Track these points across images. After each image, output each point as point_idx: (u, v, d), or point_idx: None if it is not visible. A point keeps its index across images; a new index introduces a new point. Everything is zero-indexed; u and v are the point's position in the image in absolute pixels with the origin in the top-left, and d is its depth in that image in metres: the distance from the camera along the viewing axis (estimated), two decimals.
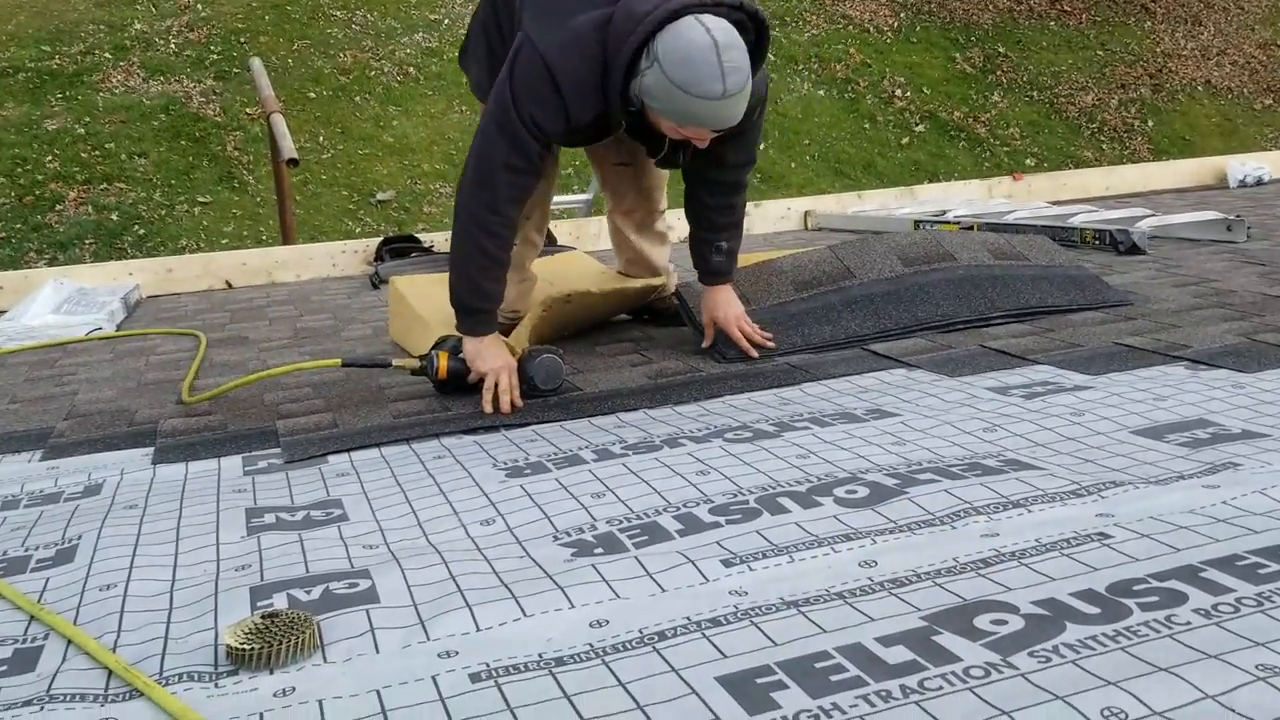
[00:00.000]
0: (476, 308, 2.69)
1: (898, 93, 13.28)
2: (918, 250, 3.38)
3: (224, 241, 9.57)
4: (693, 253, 3.02)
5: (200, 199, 10.11)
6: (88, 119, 10.66)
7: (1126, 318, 3.15)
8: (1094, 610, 1.40)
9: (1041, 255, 3.54)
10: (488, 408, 2.61)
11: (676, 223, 3.57)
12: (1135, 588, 1.46)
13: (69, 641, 1.53)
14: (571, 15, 2.53)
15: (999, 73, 13.93)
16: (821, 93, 13.08)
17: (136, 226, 9.67)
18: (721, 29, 2.41)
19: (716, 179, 2.89)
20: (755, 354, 2.95)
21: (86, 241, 9.39)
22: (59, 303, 4.43)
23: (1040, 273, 3.41)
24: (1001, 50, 14.24)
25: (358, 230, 9.90)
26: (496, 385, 2.62)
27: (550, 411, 2.60)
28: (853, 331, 3.09)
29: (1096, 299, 3.33)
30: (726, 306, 3.00)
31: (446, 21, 12.66)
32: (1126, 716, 1.16)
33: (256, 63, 8.21)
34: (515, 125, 2.54)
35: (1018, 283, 3.31)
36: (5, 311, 4.57)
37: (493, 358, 2.67)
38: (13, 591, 1.72)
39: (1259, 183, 6.86)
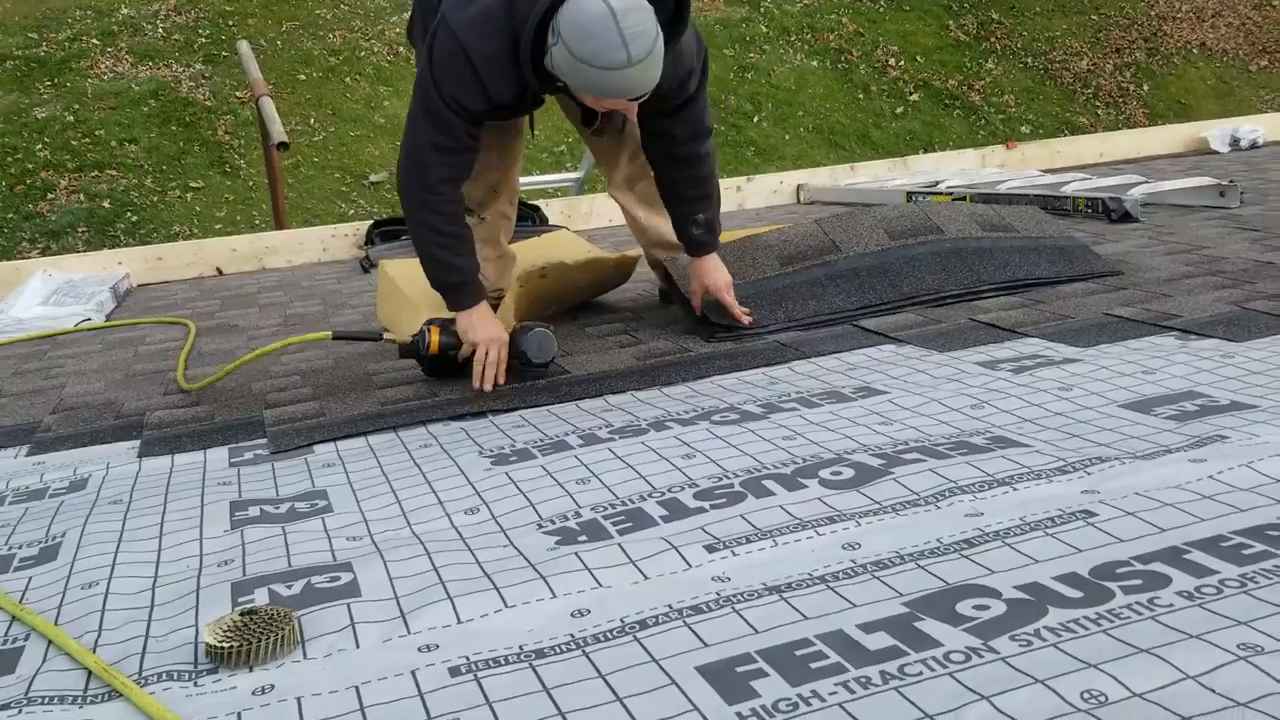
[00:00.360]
0: (452, 282, 2.69)
1: (891, 62, 13.21)
2: (904, 223, 3.36)
3: (217, 227, 9.55)
4: (676, 232, 3.02)
5: (192, 184, 10.08)
6: (77, 106, 10.62)
7: (1117, 288, 3.13)
8: (1076, 594, 1.40)
9: (1031, 226, 3.53)
10: (476, 382, 2.61)
11: None
12: (1118, 570, 1.45)
13: (49, 642, 1.53)
14: None
15: (993, 40, 13.85)
16: (814, 64, 13.01)
17: (129, 213, 9.64)
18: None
19: (674, 153, 2.88)
20: (746, 320, 2.96)
21: (79, 229, 9.37)
22: (48, 294, 4.42)
23: (1029, 244, 3.39)
24: (995, 17, 14.16)
25: (351, 212, 9.88)
26: (487, 357, 2.62)
27: (538, 395, 2.59)
28: (839, 307, 3.07)
29: (1086, 269, 3.31)
30: (714, 274, 2.98)
31: None
32: (1106, 699, 1.15)
33: (244, 46, 8.16)
34: (438, 105, 2.55)
35: (1006, 255, 3.29)
36: None
37: (484, 328, 2.67)
38: None
39: (1253, 146, 6.83)
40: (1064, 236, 3.51)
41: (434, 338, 2.72)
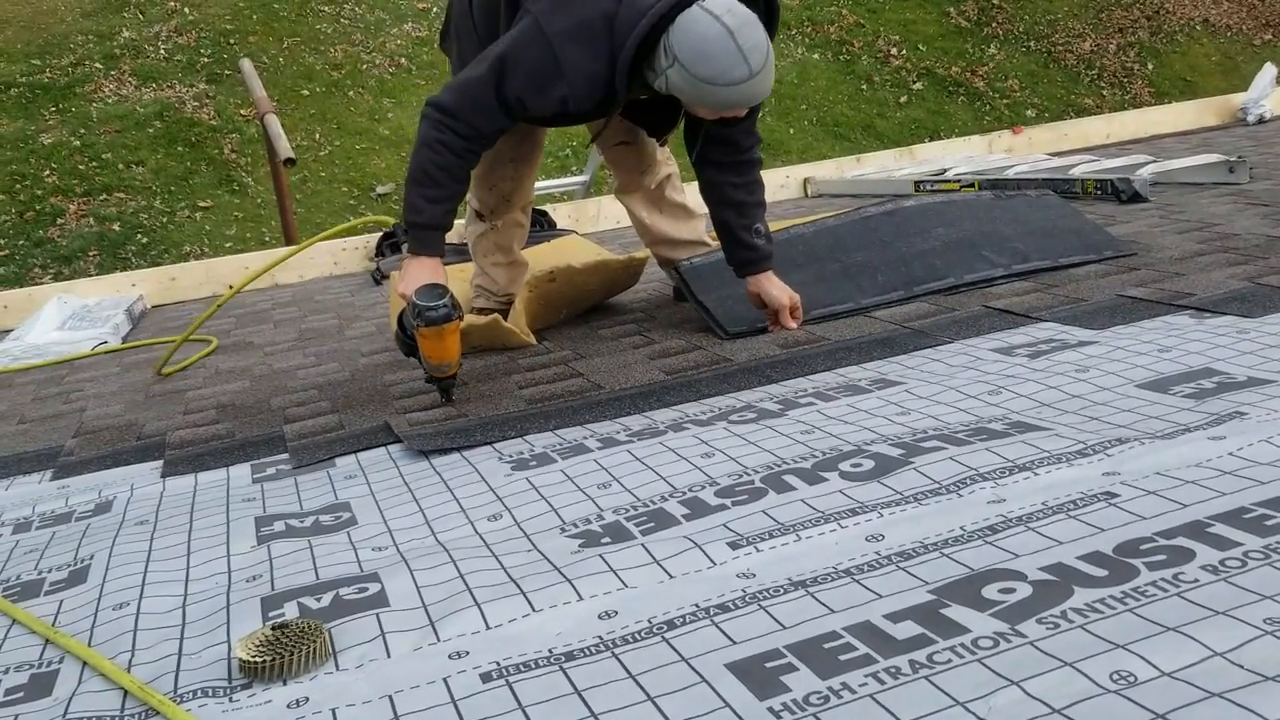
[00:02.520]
0: (411, 221, 2.69)
1: (893, 51, 13.20)
2: (913, 217, 3.36)
3: (227, 245, 9.59)
4: (731, 246, 2.94)
5: (201, 204, 10.12)
6: (83, 130, 10.67)
7: (1130, 268, 3.13)
8: (1101, 573, 1.40)
9: (1040, 210, 3.52)
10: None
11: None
12: (1142, 547, 1.45)
13: (84, 663, 1.54)
14: (584, 5, 2.54)
15: (994, 24, 13.82)
16: (816, 56, 13.00)
17: (139, 235, 9.69)
18: (728, 10, 2.43)
19: (733, 161, 2.88)
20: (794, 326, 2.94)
21: (90, 253, 9.42)
22: (63, 319, 4.45)
23: (1039, 227, 3.38)
24: (995, 2, 14.12)
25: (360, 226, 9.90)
26: None
27: (557, 418, 2.52)
28: (852, 298, 3.08)
29: (1099, 250, 3.30)
30: (783, 293, 2.92)
31: (435, 10, 12.60)
32: (1135, 679, 1.15)
33: (247, 64, 8.19)
34: (490, 99, 2.58)
35: (1016, 239, 3.29)
36: (11, 331, 4.59)
37: (407, 280, 2.64)
38: (27, 616, 1.73)
39: (1260, 121, 6.81)
40: (1074, 217, 3.51)
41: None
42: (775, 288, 2.92)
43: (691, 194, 3.40)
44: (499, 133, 2.70)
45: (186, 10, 12.42)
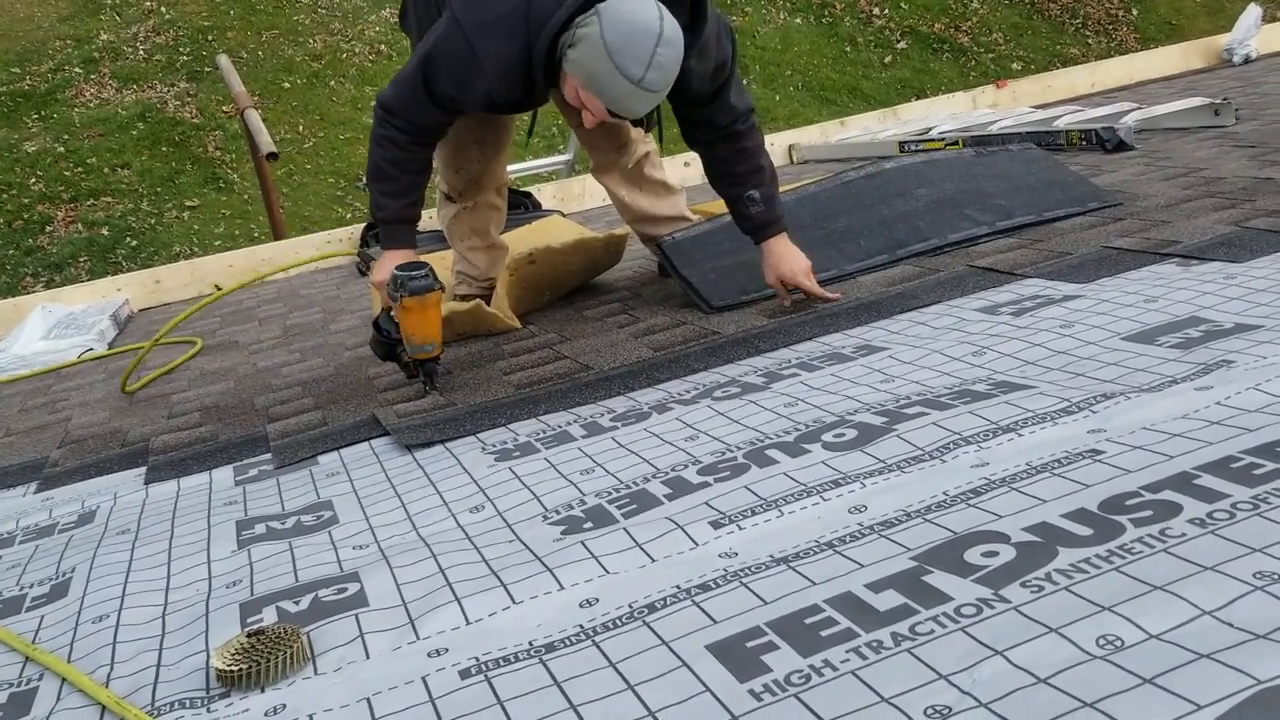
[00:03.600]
0: (377, 218, 2.74)
1: (875, 11, 13.09)
2: (894, 179, 3.32)
3: (216, 243, 9.55)
4: (736, 219, 2.88)
5: (188, 203, 10.08)
6: (66, 136, 10.62)
7: (1115, 219, 3.09)
8: (1086, 531, 1.37)
9: (1022, 164, 3.48)
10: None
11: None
12: (1128, 502, 1.42)
13: (63, 680, 1.52)
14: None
15: None
16: (798, 21, 12.90)
17: (128, 238, 9.65)
18: (672, 25, 2.37)
19: (717, 138, 2.81)
20: (837, 296, 2.81)
21: (80, 259, 9.38)
22: (48, 328, 4.42)
23: (1022, 183, 3.34)
24: None
25: (348, 216, 9.86)
26: None
27: (546, 403, 2.49)
28: (837, 264, 3.04)
29: (1083, 202, 3.26)
30: (788, 259, 2.80)
31: None
32: (1122, 643, 1.13)
33: (224, 60, 8.14)
34: (421, 95, 2.57)
35: (999, 196, 3.25)
36: None
37: (382, 272, 2.65)
38: (7, 634, 1.70)
39: (1246, 60, 6.74)
40: (1057, 169, 3.46)
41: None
42: (774, 256, 2.82)
43: (670, 169, 3.35)
44: (442, 126, 2.69)
45: (163, 9, 12.34)
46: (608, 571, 1.54)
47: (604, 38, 2.32)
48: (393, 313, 2.61)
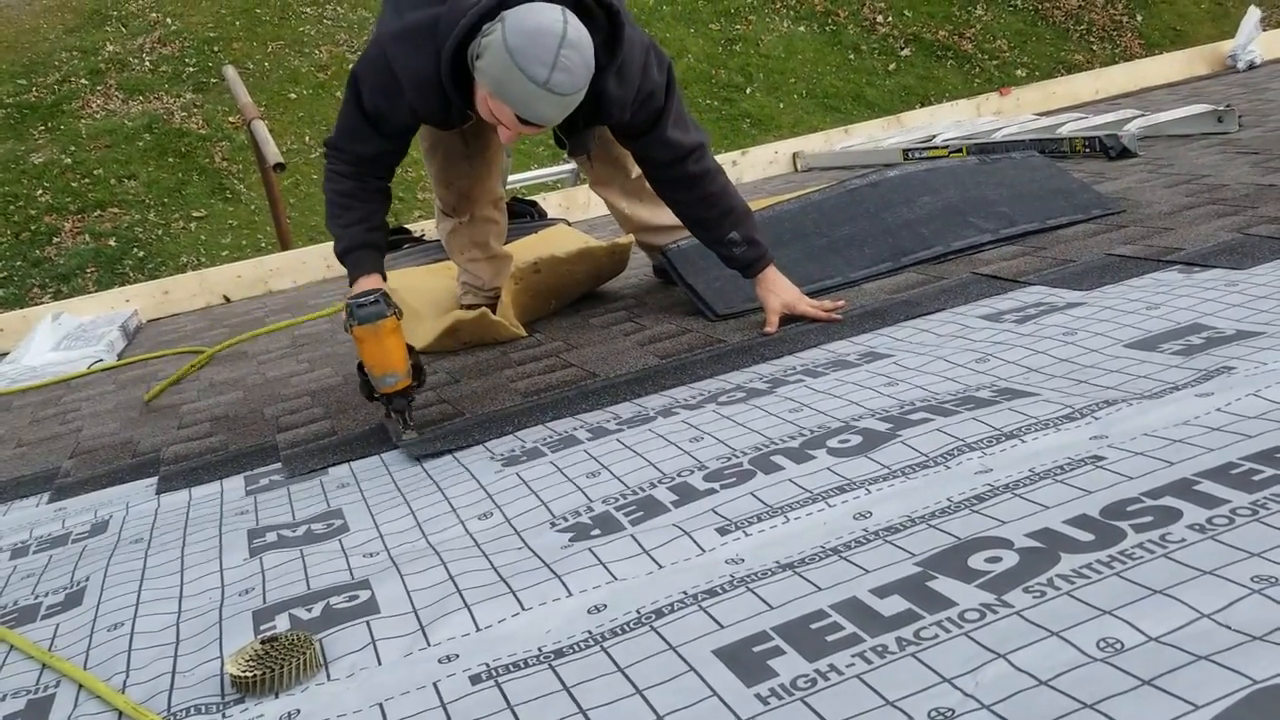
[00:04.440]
0: (338, 252, 2.63)
1: (879, 19, 13.12)
2: (896, 188, 3.34)
3: (223, 254, 9.58)
4: (721, 261, 2.85)
5: (195, 214, 10.12)
6: (73, 147, 10.66)
7: (1118, 226, 3.11)
8: (1088, 537, 1.39)
9: (1025, 172, 3.50)
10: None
11: None
12: (1129, 508, 1.44)
13: (80, 686, 1.54)
14: (413, 9, 2.48)
15: None
16: (802, 28, 12.92)
17: (135, 249, 9.69)
18: (577, 29, 2.30)
19: (666, 177, 2.76)
20: (838, 317, 2.75)
21: (88, 270, 9.42)
22: (58, 339, 4.45)
23: (1025, 190, 3.36)
24: None
25: None
26: None
27: (553, 410, 2.48)
28: (841, 272, 3.06)
29: (1086, 209, 3.28)
30: (782, 290, 2.79)
31: None
32: (1122, 645, 1.15)
33: (230, 71, 8.18)
34: (358, 119, 2.53)
35: (1002, 203, 3.27)
36: (7, 354, 4.59)
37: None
38: (24, 641, 1.73)
39: (1250, 66, 6.75)
40: (1061, 177, 3.48)
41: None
42: (768, 290, 2.80)
43: None
44: (387, 154, 2.61)
45: (169, 20, 12.39)
46: (615, 578, 1.56)
47: (506, 42, 2.26)
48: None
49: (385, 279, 2.59)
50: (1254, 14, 6.85)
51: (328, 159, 2.62)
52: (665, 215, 3.31)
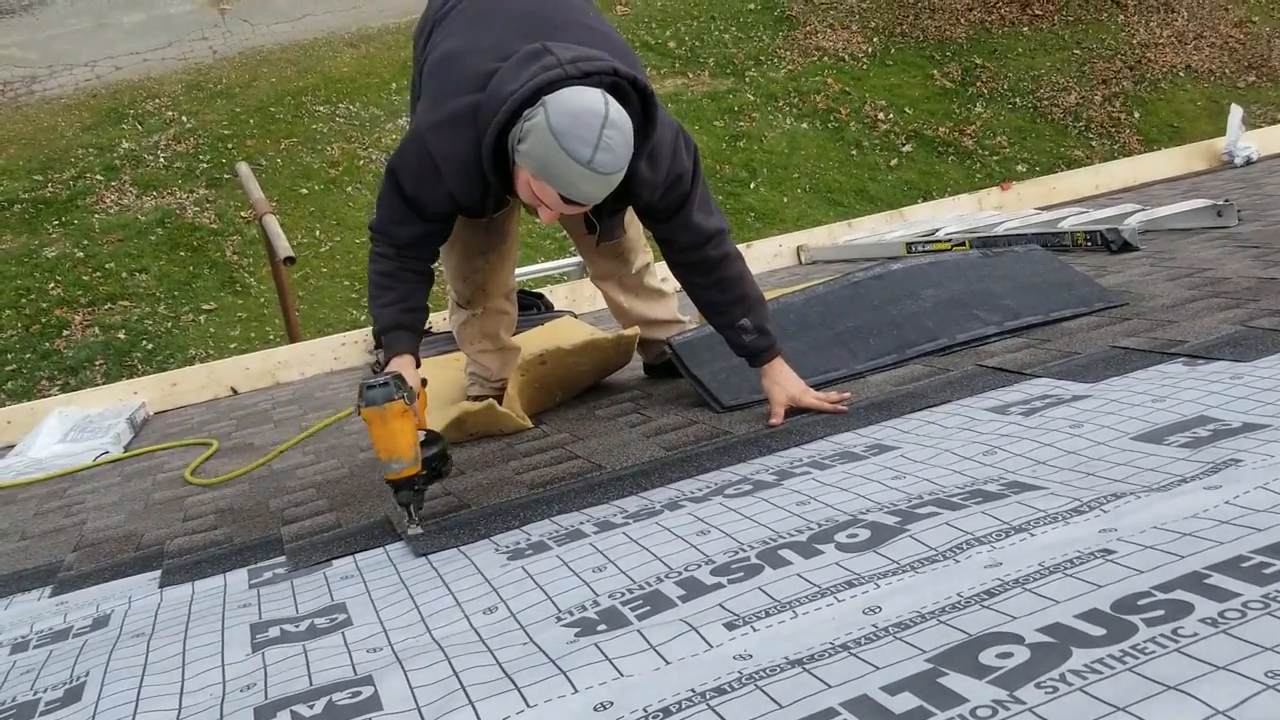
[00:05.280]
0: (376, 331, 2.72)
1: (880, 116, 13.34)
2: (900, 281, 3.37)
3: (232, 346, 9.64)
4: (730, 347, 2.87)
5: (205, 307, 10.20)
6: (86, 241, 10.80)
7: (1122, 318, 3.12)
8: (1100, 631, 1.38)
9: (1028, 265, 3.53)
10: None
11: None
12: (1140, 602, 1.43)
13: None
14: (452, 97, 2.55)
15: (979, 84, 13.98)
16: (804, 125, 13.14)
17: (145, 342, 9.75)
18: (618, 109, 2.38)
19: (686, 261, 2.80)
20: (846, 410, 2.74)
21: (96, 363, 9.47)
22: (65, 431, 4.46)
23: (1028, 283, 3.39)
24: (979, 61, 14.31)
25: (363, 319, 9.95)
26: None
27: (559, 503, 2.48)
28: (846, 364, 3.07)
29: (1089, 302, 3.30)
30: (788, 384, 2.80)
31: None
32: None
33: (243, 167, 8.32)
34: (398, 206, 2.61)
35: (1006, 296, 3.30)
36: (14, 446, 4.60)
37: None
38: None
39: (1248, 162, 6.84)
40: (1063, 270, 3.51)
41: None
42: (773, 382, 2.81)
43: (664, 273, 3.40)
44: (427, 236, 2.68)
45: (184, 119, 12.64)
46: (622, 674, 1.54)
47: (551, 124, 2.33)
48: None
49: (419, 361, 2.65)
50: (1237, 112, 6.98)
51: (372, 242, 2.70)
52: (660, 309, 3.36)
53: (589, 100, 2.35)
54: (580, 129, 2.32)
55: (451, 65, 2.63)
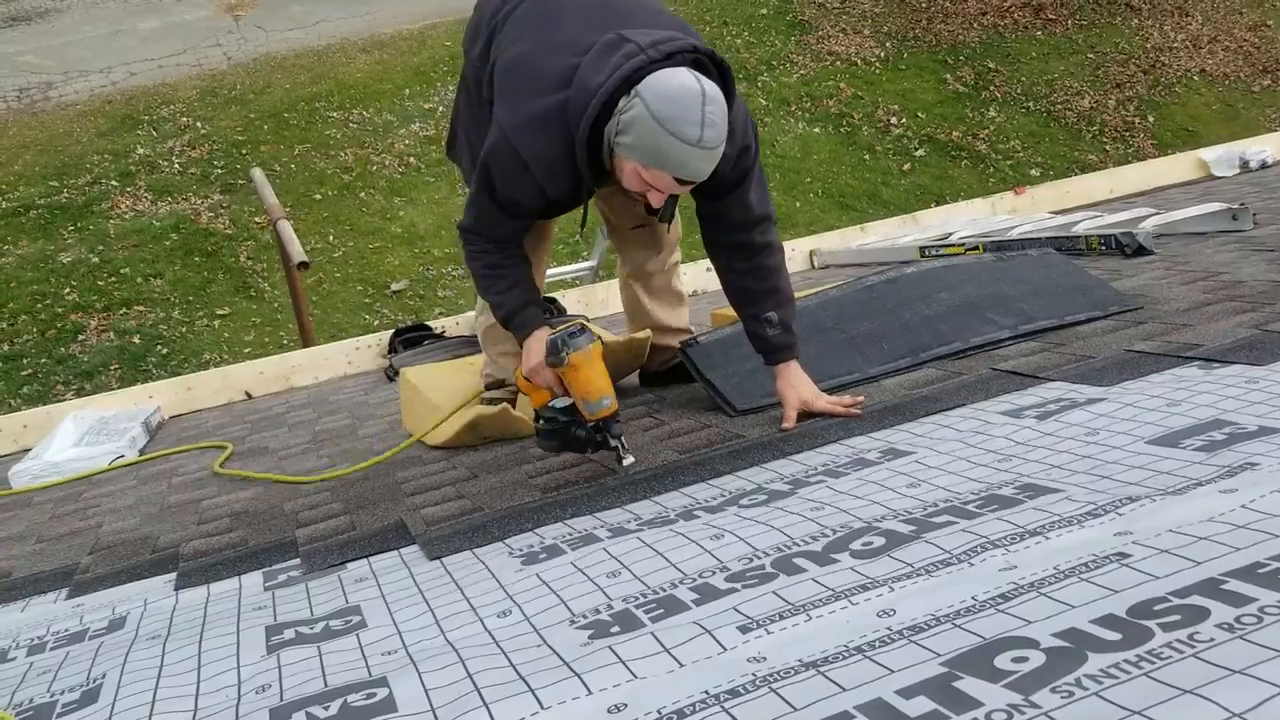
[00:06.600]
0: (502, 319, 2.81)
1: (893, 120, 13.33)
2: (914, 284, 3.37)
3: (246, 351, 9.67)
4: (749, 338, 2.88)
5: (219, 312, 10.24)
6: (101, 247, 10.85)
7: (1136, 322, 3.11)
8: (1115, 636, 1.37)
9: (1042, 269, 3.52)
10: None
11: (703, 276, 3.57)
12: (1156, 608, 1.42)
13: None
14: (535, 97, 2.59)
15: (992, 88, 13.96)
16: (817, 130, 13.14)
17: (159, 346, 9.79)
18: (711, 85, 2.44)
19: (730, 242, 2.82)
20: (859, 413, 2.74)
21: (111, 367, 9.51)
22: (80, 435, 4.47)
23: (1043, 287, 3.38)
24: (991, 66, 14.28)
25: (376, 323, 9.99)
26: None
27: (572, 506, 2.48)
28: (860, 368, 3.07)
29: (1104, 305, 3.29)
30: (801, 388, 2.80)
31: (441, 109, 12.83)
32: None
33: (257, 173, 8.35)
34: (490, 207, 2.69)
35: (1020, 300, 3.29)
36: (30, 450, 4.62)
37: (529, 358, 2.71)
38: None
39: (1263, 166, 6.81)
40: (1078, 274, 3.50)
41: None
42: (787, 384, 2.81)
43: (693, 274, 3.42)
44: (521, 228, 2.79)
45: (199, 124, 12.70)
46: (635, 676, 1.54)
47: (653, 112, 2.38)
48: (557, 385, 2.61)
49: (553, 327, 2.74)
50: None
51: (466, 241, 2.80)
52: (675, 318, 3.38)
53: (683, 81, 2.42)
54: (683, 111, 2.38)
55: (529, 66, 2.66)
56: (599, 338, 2.58)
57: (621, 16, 2.66)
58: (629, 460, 2.56)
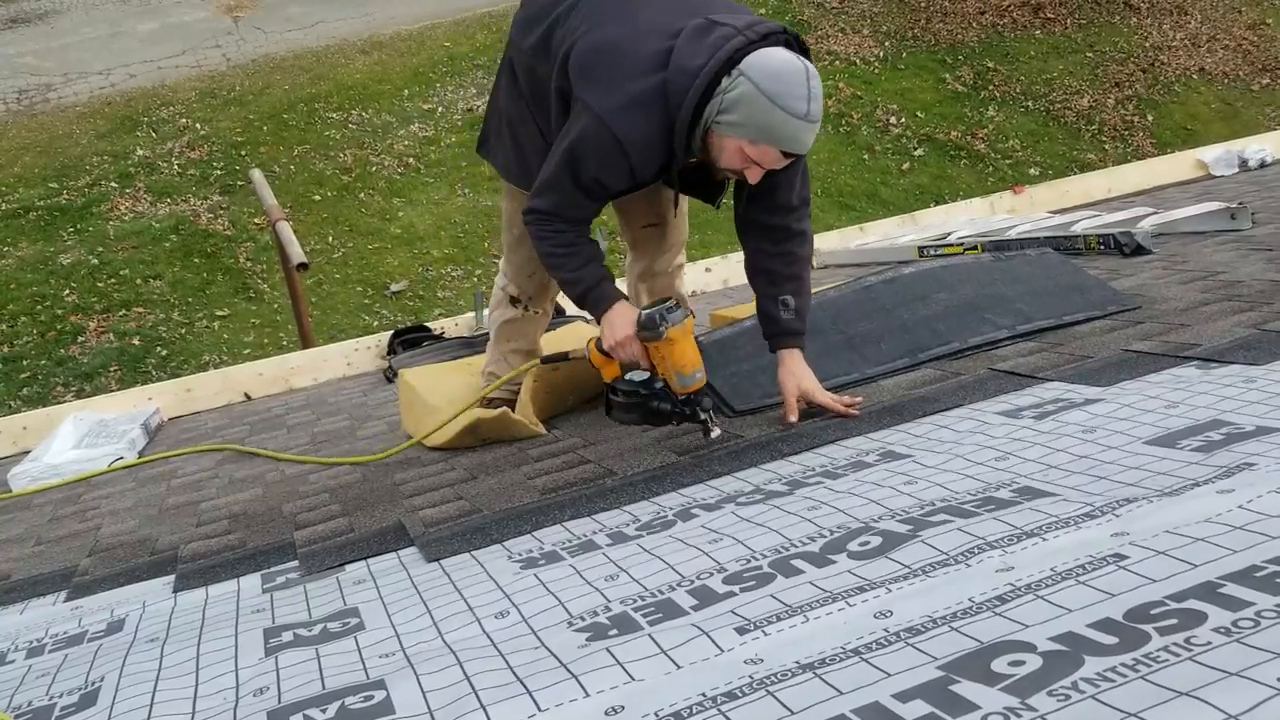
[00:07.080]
0: (578, 297, 2.81)
1: (892, 120, 13.33)
2: (912, 285, 3.37)
3: (245, 352, 9.67)
4: (761, 318, 2.89)
5: (218, 313, 10.25)
6: (100, 249, 10.86)
7: (1134, 322, 3.11)
8: (1112, 640, 1.37)
9: (1040, 269, 3.52)
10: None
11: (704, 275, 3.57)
12: (1153, 611, 1.42)
13: None
14: (630, 80, 2.60)
15: (991, 87, 13.96)
16: None
17: (159, 348, 9.80)
18: (807, 61, 2.52)
19: (770, 224, 2.83)
20: (857, 414, 2.74)
21: (111, 369, 9.52)
22: (80, 437, 4.48)
23: (1041, 287, 3.38)
24: (990, 65, 14.28)
25: (375, 324, 9.99)
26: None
27: (570, 508, 2.48)
28: (857, 368, 3.07)
29: (1102, 305, 3.29)
30: (802, 378, 2.81)
31: (440, 109, 12.85)
32: None
33: (257, 174, 8.35)
34: (571, 189, 2.70)
35: (1018, 300, 3.29)
36: (30, 452, 4.62)
37: (613, 330, 2.71)
38: None
39: (1262, 165, 6.81)
40: (1076, 274, 3.50)
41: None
42: (789, 373, 2.82)
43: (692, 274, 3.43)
44: (596, 210, 2.81)
45: (198, 126, 12.71)
46: (633, 678, 1.54)
47: (762, 89, 2.45)
48: (644, 358, 2.66)
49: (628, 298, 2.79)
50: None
51: (539, 226, 2.79)
52: None
53: (785, 58, 2.50)
54: (790, 86, 2.46)
55: (616, 51, 2.66)
56: (692, 313, 2.64)
57: (700, 3, 2.70)
58: (716, 432, 2.65)
